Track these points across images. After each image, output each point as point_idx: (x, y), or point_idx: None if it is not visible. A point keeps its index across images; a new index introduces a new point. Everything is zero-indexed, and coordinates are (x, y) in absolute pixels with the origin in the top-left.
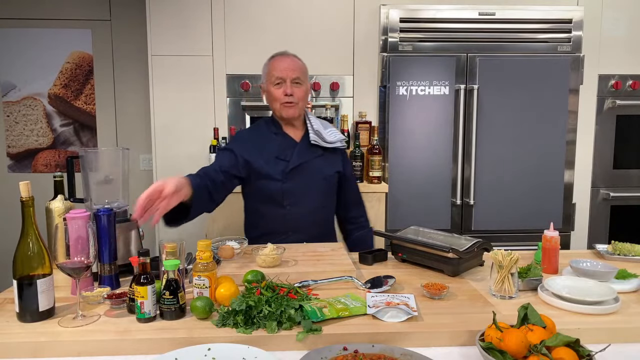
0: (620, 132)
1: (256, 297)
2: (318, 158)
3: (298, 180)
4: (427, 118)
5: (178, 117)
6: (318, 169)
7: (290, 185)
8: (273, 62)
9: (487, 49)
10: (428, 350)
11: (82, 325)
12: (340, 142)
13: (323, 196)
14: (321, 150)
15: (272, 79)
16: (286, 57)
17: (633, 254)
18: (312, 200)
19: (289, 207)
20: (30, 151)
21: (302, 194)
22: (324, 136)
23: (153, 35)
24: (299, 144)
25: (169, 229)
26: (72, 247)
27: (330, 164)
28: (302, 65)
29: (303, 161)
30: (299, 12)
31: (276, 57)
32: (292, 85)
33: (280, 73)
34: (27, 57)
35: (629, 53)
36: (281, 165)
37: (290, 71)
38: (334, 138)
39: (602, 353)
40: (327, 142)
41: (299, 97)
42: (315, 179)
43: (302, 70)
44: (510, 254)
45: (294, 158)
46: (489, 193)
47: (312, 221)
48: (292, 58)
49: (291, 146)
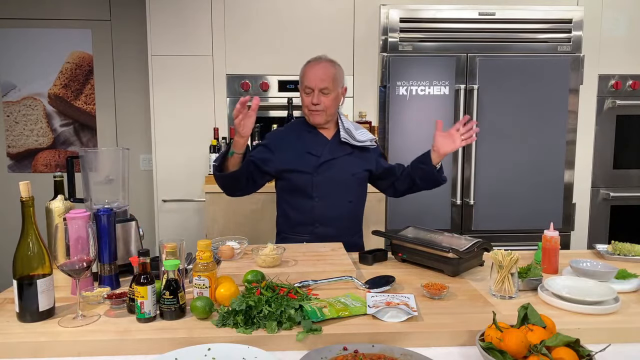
0: (620, 132)
1: (256, 297)
2: (348, 155)
3: (327, 175)
4: (427, 118)
5: (178, 117)
6: (347, 166)
7: (320, 179)
8: (306, 68)
9: (487, 49)
10: (428, 350)
11: (82, 325)
12: (370, 142)
13: (350, 191)
14: (351, 149)
15: (302, 86)
16: (318, 65)
17: (633, 254)
18: (339, 195)
19: (317, 200)
20: (30, 151)
21: (331, 188)
22: (354, 135)
23: (153, 35)
24: (330, 141)
25: (168, 228)
26: (72, 247)
27: (360, 161)
28: (334, 72)
29: (333, 157)
30: (299, 12)
31: (310, 64)
32: (320, 94)
33: (309, 82)
34: (27, 57)
35: (629, 53)
36: (312, 160)
37: (319, 81)
38: (364, 137)
39: (602, 353)
40: (357, 141)
41: (326, 105)
42: (344, 174)
43: (333, 78)
44: (510, 254)
45: (325, 153)
46: (489, 193)
47: (339, 215)
48: (324, 65)
49: (323, 143)
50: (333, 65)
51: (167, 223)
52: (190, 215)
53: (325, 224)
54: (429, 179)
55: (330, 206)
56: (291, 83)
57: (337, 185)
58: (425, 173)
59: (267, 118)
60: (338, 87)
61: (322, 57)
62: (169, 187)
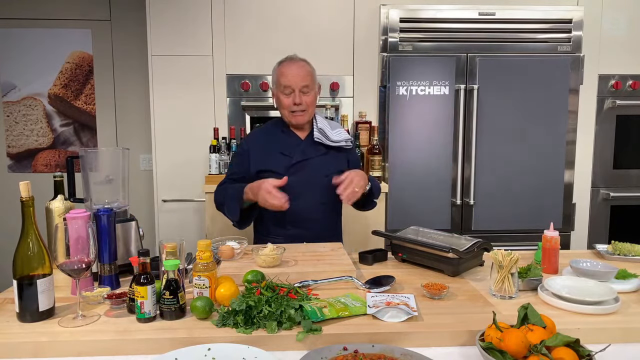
0: (620, 132)
1: (256, 297)
2: (322, 156)
3: (300, 176)
4: (427, 118)
5: (178, 117)
6: (320, 167)
7: (292, 180)
8: (281, 68)
9: (487, 49)
10: (428, 350)
11: (82, 325)
12: (345, 142)
13: (323, 193)
14: (325, 149)
15: (280, 87)
16: (294, 64)
17: (633, 254)
18: (312, 196)
19: (289, 201)
20: (30, 151)
21: (303, 190)
22: (328, 135)
23: (153, 35)
24: (304, 142)
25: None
26: (72, 247)
27: (334, 162)
28: (310, 70)
29: (306, 158)
30: (299, 12)
31: (284, 64)
32: (301, 94)
33: (288, 82)
34: (27, 57)
35: (629, 53)
36: (285, 160)
37: (298, 79)
38: (339, 137)
39: (602, 353)
40: (331, 141)
41: (308, 104)
42: (316, 175)
43: (311, 76)
44: (510, 254)
45: (297, 154)
46: (489, 193)
47: (312, 217)
48: (300, 64)
49: (296, 143)
50: (308, 63)
51: (167, 223)
52: (190, 215)
53: (298, 226)
54: (357, 202)
55: (302, 208)
56: None
57: (309, 187)
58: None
59: (267, 118)
60: (315, 86)
61: (295, 56)
62: (169, 187)
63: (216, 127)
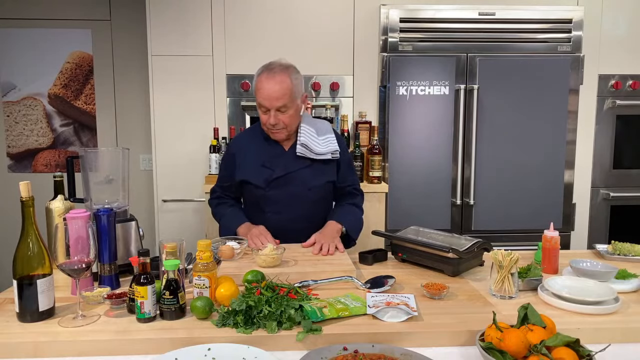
0: (620, 132)
1: (256, 297)
2: (306, 168)
3: (282, 190)
4: (427, 118)
5: (178, 117)
6: (304, 179)
7: (273, 194)
8: (259, 82)
9: (487, 49)
10: (428, 350)
11: (82, 325)
12: (331, 154)
13: (307, 206)
14: (310, 161)
15: (257, 100)
16: (272, 79)
17: (633, 254)
18: (295, 210)
19: (270, 214)
20: (30, 151)
21: (285, 204)
22: (312, 148)
23: (153, 35)
24: (286, 154)
25: (168, 228)
26: (72, 247)
27: (319, 174)
28: (290, 86)
29: (288, 171)
30: (299, 12)
31: (262, 77)
32: (277, 113)
33: (263, 101)
34: (27, 57)
35: (629, 53)
36: (266, 173)
37: (274, 100)
38: (324, 149)
39: (602, 353)
40: (315, 154)
41: (286, 123)
42: (299, 189)
43: (290, 92)
44: (510, 254)
45: (279, 168)
46: (489, 193)
47: (294, 229)
48: (278, 79)
49: (278, 155)
50: (288, 75)
51: (167, 223)
52: (190, 215)
53: (280, 238)
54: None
55: (284, 221)
56: None
57: (292, 200)
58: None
59: None
60: (297, 100)
61: (275, 65)
62: (169, 187)
63: (216, 127)
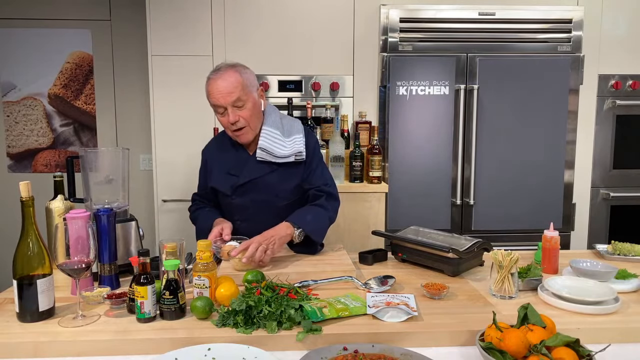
0: (620, 132)
1: (256, 297)
2: (272, 173)
3: (248, 197)
4: (427, 118)
5: (178, 117)
6: (270, 185)
7: (240, 201)
8: (208, 86)
9: (487, 49)
10: (428, 350)
11: (82, 325)
12: (295, 156)
13: (276, 212)
14: (275, 165)
15: (212, 106)
16: (219, 78)
17: (633, 254)
18: (263, 217)
19: (239, 222)
20: (30, 151)
21: (253, 211)
22: (273, 151)
23: (153, 35)
24: (251, 158)
25: (168, 228)
26: (72, 247)
27: (287, 178)
28: (240, 79)
29: (253, 177)
30: (299, 12)
31: (210, 80)
32: (234, 109)
33: (217, 100)
34: (27, 57)
35: (629, 53)
36: (231, 180)
37: (226, 95)
38: (288, 151)
39: (602, 353)
40: (277, 157)
41: (247, 118)
42: (266, 195)
43: (241, 86)
44: (510, 254)
45: (244, 174)
46: (489, 193)
47: None
48: (225, 76)
49: (243, 161)
50: (236, 70)
51: (167, 223)
52: None
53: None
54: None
55: (254, 228)
56: (291, 83)
57: (259, 207)
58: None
59: None
60: (252, 93)
61: (221, 66)
62: (169, 187)
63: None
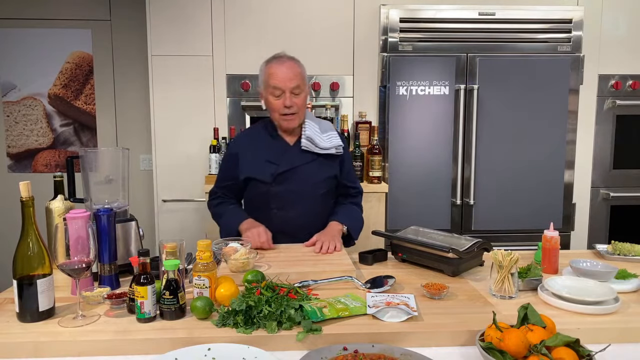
0: (619, 132)
1: (256, 297)
2: (310, 163)
3: (287, 185)
4: (427, 118)
5: (178, 117)
6: (309, 174)
7: (278, 189)
8: (270, 68)
9: (487, 49)
10: (428, 350)
11: (82, 325)
12: (335, 149)
13: (312, 201)
14: (315, 155)
15: (269, 88)
16: (283, 64)
17: (633, 254)
18: (300, 205)
19: (275, 211)
20: (30, 151)
21: (290, 199)
22: (317, 142)
23: (153, 35)
24: (291, 148)
25: (168, 228)
26: (72, 247)
27: (324, 168)
28: (301, 70)
29: (293, 166)
30: (299, 12)
31: (273, 64)
32: (292, 95)
33: (278, 83)
34: (27, 57)
35: (629, 53)
36: (271, 168)
37: (288, 81)
38: (328, 144)
39: (602, 353)
40: (319, 148)
41: (299, 106)
42: (304, 184)
43: (301, 76)
44: (510, 254)
45: (284, 162)
46: (489, 193)
47: (299, 225)
48: (290, 64)
49: (283, 150)
50: (298, 62)
51: (167, 223)
52: (190, 215)
53: (286, 235)
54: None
55: (290, 218)
56: None
57: (297, 196)
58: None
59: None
60: (306, 87)
61: (282, 54)
62: (169, 187)
63: (216, 127)
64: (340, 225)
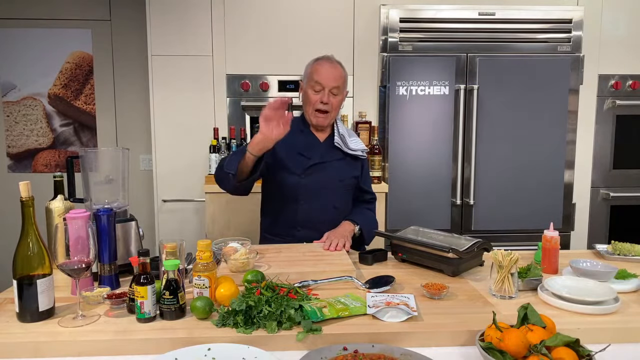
0: (619, 132)
1: (256, 297)
2: (338, 161)
3: (315, 178)
4: (427, 118)
5: (178, 117)
6: (336, 171)
7: (306, 181)
8: (316, 65)
9: (487, 49)
10: (428, 350)
11: (82, 325)
12: (361, 152)
13: (336, 197)
14: (342, 154)
15: (311, 82)
16: (330, 64)
17: (633, 254)
18: (325, 199)
19: (302, 203)
20: (30, 151)
21: (317, 192)
22: (347, 142)
23: (153, 35)
24: (323, 144)
25: (168, 228)
26: (72, 247)
27: (349, 168)
28: (344, 73)
29: (323, 160)
30: (299, 12)
31: (320, 61)
32: (330, 94)
33: (320, 79)
34: (27, 57)
35: (629, 53)
36: (302, 161)
37: (331, 80)
38: (356, 147)
39: (602, 353)
40: (349, 149)
41: (334, 106)
42: (331, 179)
43: (343, 80)
44: (510, 254)
45: (316, 156)
46: (489, 193)
47: (322, 220)
48: (336, 65)
49: (315, 145)
50: (344, 69)
51: (167, 223)
52: (190, 215)
53: (308, 228)
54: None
55: (314, 210)
56: (291, 83)
57: (323, 190)
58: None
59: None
60: (344, 92)
61: (332, 57)
62: (169, 187)
63: (216, 127)
64: (353, 225)
